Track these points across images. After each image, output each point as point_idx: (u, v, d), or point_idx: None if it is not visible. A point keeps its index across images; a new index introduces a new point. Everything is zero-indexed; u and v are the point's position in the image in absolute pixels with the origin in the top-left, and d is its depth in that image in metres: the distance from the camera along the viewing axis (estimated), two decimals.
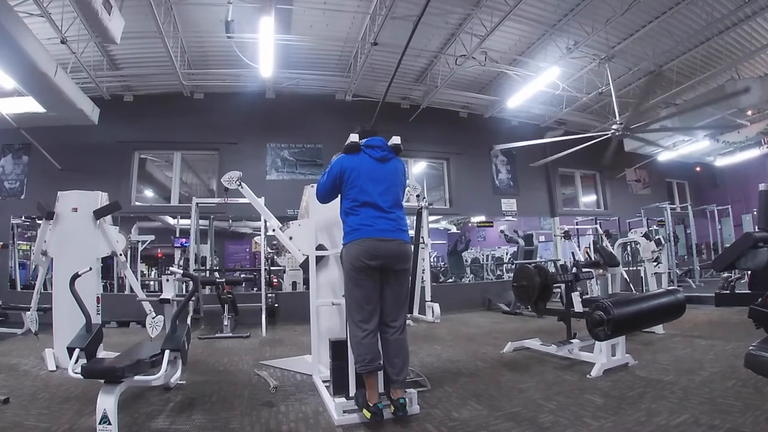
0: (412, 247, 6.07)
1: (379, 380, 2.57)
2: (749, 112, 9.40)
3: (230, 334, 5.76)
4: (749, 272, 2.09)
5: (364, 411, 2.41)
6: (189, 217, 6.92)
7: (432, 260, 9.06)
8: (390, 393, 2.52)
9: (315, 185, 3.09)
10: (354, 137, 2.78)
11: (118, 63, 7.44)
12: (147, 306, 4.42)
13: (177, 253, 8.65)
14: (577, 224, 10.13)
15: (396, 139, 2.83)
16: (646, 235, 5.93)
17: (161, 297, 4.38)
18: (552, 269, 6.09)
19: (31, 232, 7.97)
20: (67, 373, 2.70)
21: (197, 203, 6.87)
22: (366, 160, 2.68)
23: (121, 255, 4.48)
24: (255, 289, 7.46)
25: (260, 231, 6.77)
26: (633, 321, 3.04)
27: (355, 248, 2.53)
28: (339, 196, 2.76)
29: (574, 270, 4.50)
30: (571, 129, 9.62)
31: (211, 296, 6.69)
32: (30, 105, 6.18)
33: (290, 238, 4.12)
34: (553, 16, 6.69)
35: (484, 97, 9.18)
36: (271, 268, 7.61)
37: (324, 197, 2.85)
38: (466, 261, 11.50)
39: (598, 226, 9.27)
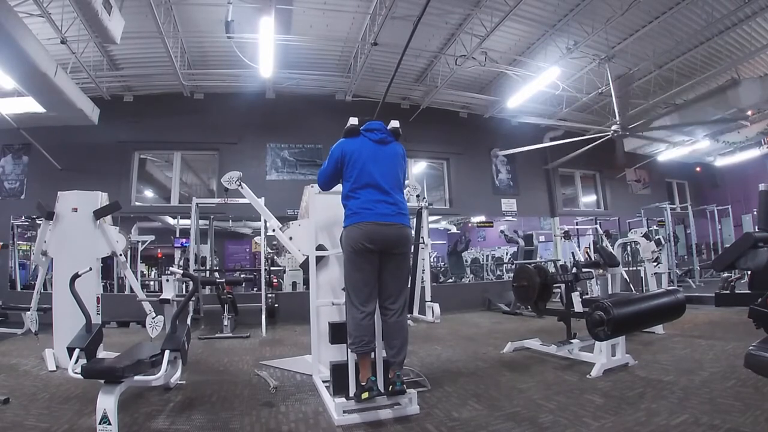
0: (413, 231, 6.07)
1: (379, 370, 2.60)
2: (749, 112, 9.40)
3: (230, 334, 5.76)
4: (749, 272, 2.08)
5: (362, 395, 2.43)
6: (189, 217, 6.91)
7: (432, 260, 9.07)
8: (387, 374, 2.57)
9: (315, 185, 3.10)
10: (354, 120, 2.79)
11: (118, 63, 7.44)
12: (147, 306, 4.42)
13: (177, 253, 8.65)
14: (577, 224, 10.14)
15: (395, 123, 2.84)
16: (646, 236, 5.93)
17: (161, 297, 4.38)
18: (552, 269, 6.09)
19: (31, 232, 7.97)
20: (67, 373, 2.71)
21: (197, 203, 6.86)
22: (366, 142, 2.70)
23: (121, 255, 4.48)
24: (255, 289, 7.46)
25: (260, 231, 6.76)
26: (633, 321, 3.04)
27: (355, 231, 2.55)
28: (340, 182, 2.77)
29: (574, 270, 4.50)
30: (571, 129, 9.62)
31: (211, 296, 6.69)
32: (30, 105, 6.17)
33: (290, 238, 4.13)
34: (553, 16, 6.69)
35: (484, 97, 9.18)
36: (271, 268, 7.61)
37: (326, 183, 2.86)
38: (466, 261, 11.51)
39: (598, 226, 9.28)
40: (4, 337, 5.39)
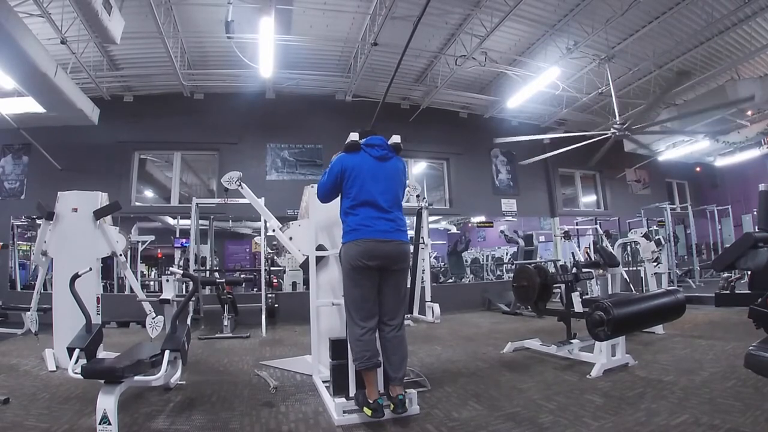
0: (412, 246, 6.07)
1: (380, 379, 2.58)
2: (749, 113, 9.40)
3: (230, 335, 5.76)
4: (749, 272, 2.08)
5: (365, 409, 2.42)
6: (189, 218, 6.91)
7: (432, 260, 9.07)
8: (389, 391, 2.54)
9: (315, 185, 3.09)
10: (354, 136, 2.78)
11: (118, 63, 7.44)
12: (147, 306, 4.42)
13: (177, 254, 8.65)
14: (577, 224, 10.13)
15: (396, 138, 2.84)
16: (646, 236, 5.93)
17: (161, 297, 4.38)
18: (552, 269, 6.09)
19: (31, 232, 7.96)
20: (67, 374, 2.71)
21: (197, 203, 6.86)
22: (366, 158, 2.69)
23: (121, 255, 4.48)
24: (255, 289, 7.46)
25: (260, 231, 6.76)
26: (633, 321, 3.04)
27: (354, 248, 2.55)
28: (339, 195, 2.77)
29: (574, 270, 4.50)
30: (571, 129, 9.62)
31: (211, 296, 6.68)
32: (30, 105, 6.18)
33: (290, 238, 4.13)
34: (553, 16, 6.69)
35: (484, 97, 9.18)
36: (271, 268, 7.61)
37: (325, 197, 2.86)
38: (466, 261, 11.50)
39: (598, 226, 9.27)
40: (4, 337, 5.39)
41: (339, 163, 2.71)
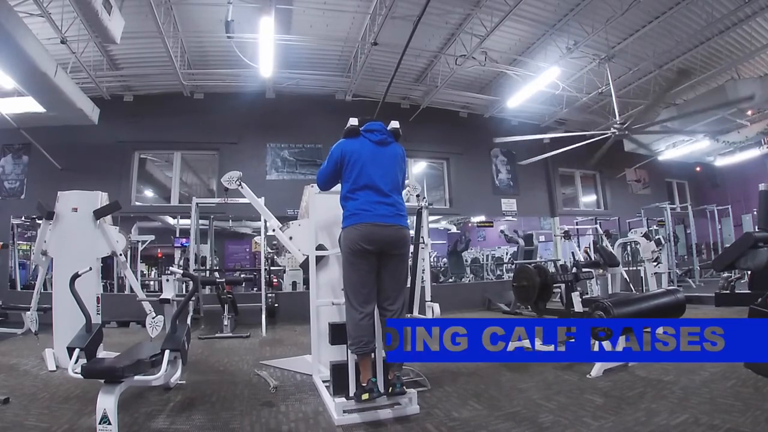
0: (413, 231, 6.06)
1: (379, 371, 2.61)
2: (749, 112, 9.40)
3: (230, 334, 5.76)
4: (749, 272, 2.09)
5: (363, 396, 2.43)
6: (189, 217, 6.90)
7: (432, 260, 9.06)
8: (387, 375, 2.57)
9: (315, 185, 3.10)
10: (353, 121, 2.79)
11: (118, 63, 7.44)
12: (147, 306, 4.42)
13: (177, 253, 8.65)
14: (577, 224, 10.13)
15: (395, 124, 2.84)
16: (646, 235, 5.94)
17: (161, 297, 4.39)
18: (552, 269, 6.10)
19: (31, 232, 7.97)
20: (67, 373, 2.70)
21: (197, 203, 6.85)
22: (366, 143, 2.70)
23: (121, 255, 4.48)
24: (255, 289, 7.46)
25: (260, 231, 6.77)
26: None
27: (354, 233, 2.55)
28: (339, 182, 2.78)
29: (574, 270, 4.50)
30: (571, 129, 9.62)
31: (211, 296, 6.69)
32: (30, 105, 6.17)
33: (290, 238, 4.13)
34: (553, 16, 6.69)
35: (484, 97, 9.18)
36: (271, 268, 7.62)
37: (325, 183, 2.87)
38: (466, 261, 11.51)
39: (598, 226, 9.27)
40: (4, 337, 5.39)
41: (339, 149, 2.71)
